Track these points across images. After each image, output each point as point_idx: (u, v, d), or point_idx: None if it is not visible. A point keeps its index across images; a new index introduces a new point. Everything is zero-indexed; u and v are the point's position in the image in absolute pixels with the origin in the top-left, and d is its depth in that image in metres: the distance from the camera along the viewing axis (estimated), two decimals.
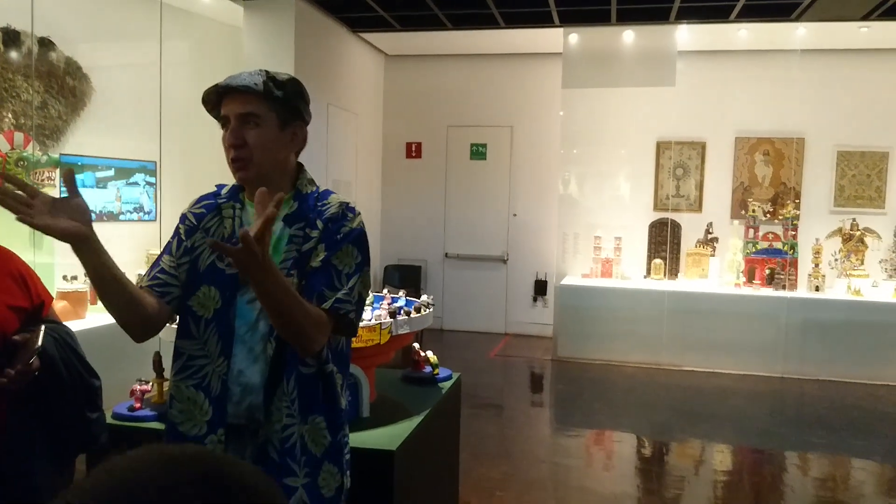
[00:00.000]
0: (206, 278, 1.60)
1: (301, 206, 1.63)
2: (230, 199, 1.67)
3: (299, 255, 1.59)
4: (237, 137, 1.55)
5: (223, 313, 1.58)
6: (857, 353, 6.11)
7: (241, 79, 1.56)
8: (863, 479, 4.21)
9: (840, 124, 6.82)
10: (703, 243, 7.05)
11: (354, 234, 1.62)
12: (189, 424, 1.59)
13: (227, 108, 1.58)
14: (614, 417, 5.23)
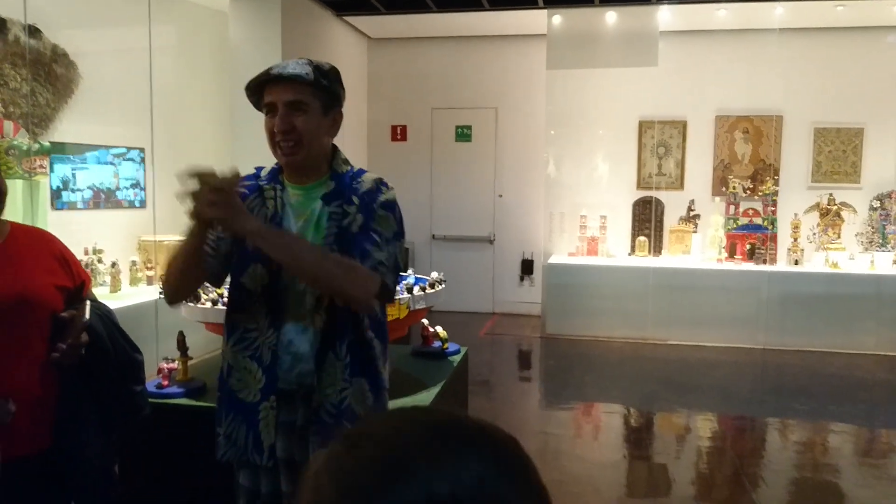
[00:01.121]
0: (254, 256, 1.68)
1: (338, 184, 1.74)
2: (271, 180, 1.77)
3: (339, 230, 1.69)
4: (287, 123, 1.64)
5: (271, 288, 1.68)
6: (835, 324, 6.32)
7: (290, 68, 1.65)
8: (841, 442, 4.40)
9: (817, 102, 6.98)
10: (685, 220, 7.20)
11: (389, 203, 1.74)
12: (245, 392, 1.71)
13: (274, 95, 1.66)
14: (603, 390, 5.39)
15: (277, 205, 1.73)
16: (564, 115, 7.31)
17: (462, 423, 0.55)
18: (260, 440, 1.68)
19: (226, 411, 1.74)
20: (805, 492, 3.68)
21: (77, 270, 1.81)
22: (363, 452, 0.51)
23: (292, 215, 1.73)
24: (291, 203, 1.74)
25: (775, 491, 3.65)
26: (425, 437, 0.52)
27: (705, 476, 3.85)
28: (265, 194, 1.75)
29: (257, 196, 1.75)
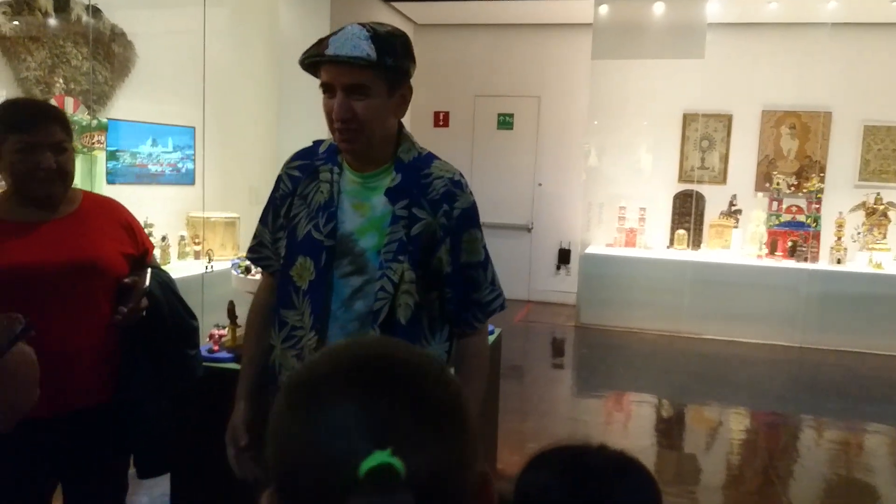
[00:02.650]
0: (303, 248, 1.53)
1: (404, 178, 1.52)
2: (328, 160, 1.57)
3: (408, 239, 1.49)
4: (346, 111, 1.43)
5: (317, 286, 1.51)
6: (875, 325, 6.22)
7: (348, 46, 1.40)
8: (875, 443, 4.37)
9: (868, 99, 6.84)
10: (726, 215, 7.14)
11: (468, 214, 1.55)
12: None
13: (331, 75, 1.45)
14: (635, 381, 5.42)
15: (333, 190, 1.53)
16: (607, 105, 7.29)
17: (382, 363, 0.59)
18: None
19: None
20: (834, 489, 3.68)
21: (141, 238, 1.93)
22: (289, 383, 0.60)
23: (348, 206, 1.54)
24: (348, 191, 1.54)
25: (804, 486, 3.66)
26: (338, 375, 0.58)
27: (734, 468, 3.88)
28: (321, 176, 1.56)
29: (312, 179, 1.57)
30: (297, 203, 1.57)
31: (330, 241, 1.51)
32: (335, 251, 1.51)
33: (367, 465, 0.49)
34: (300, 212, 1.56)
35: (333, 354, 0.61)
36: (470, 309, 1.58)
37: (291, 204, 1.58)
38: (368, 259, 1.51)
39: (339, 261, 1.51)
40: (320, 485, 0.52)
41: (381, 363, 0.58)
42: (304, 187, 1.57)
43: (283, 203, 1.60)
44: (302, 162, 1.61)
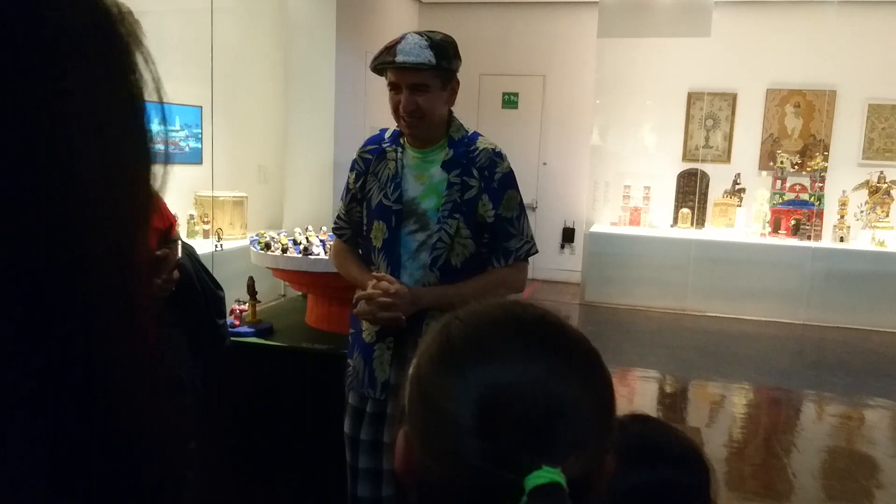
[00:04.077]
0: (376, 214, 1.91)
1: (455, 152, 1.90)
2: (392, 143, 1.95)
3: (461, 201, 1.87)
4: (412, 104, 1.81)
5: (390, 243, 1.89)
6: (878, 302, 6.28)
7: (413, 54, 1.78)
8: (877, 417, 4.45)
9: (873, 77, 6.84)
10: (730, 194, 7.18)
11: (507, 178, 1.92)
12: (366, 333, 1.93)
13: (397, 77, 1.82)
14: (640, 357, 5.49)
15: (399, 166, 1.91)
16: (613, 84, 7.29)
17: (545, 322, 0.61)
18: (374, 376, 1.91)
19: (354, 348, 1.98)
20: (837, 460, 3.76)
21: (166, 213, 1.98)
22: (456, 331, 0.59)
23: (411, 177, 1.92)
24: (410, 165, 1.92)
25: (807, 458, 3.74)
26: (509, 330, 0.59)
27: (738, 441, 3.96)
28: (388, 156, 1.93)
29: (381, 159, 1.94)
30: (370, 179, 1.95)
31: (398, 205, 1.89)
32: (402, 214, 1.88)
33: (533, 482, 0.49)
34: (373, 186, 1.94)
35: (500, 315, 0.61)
36: (495, 252, 1.92)
37: (365, 181, 1.96)
38: (430, 218, 1.88)
39: (406, 221, 1.89)
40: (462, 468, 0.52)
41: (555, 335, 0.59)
42: (375, 166, 1.94)
43: (358, 181, 1.97)
44: (372, 146, 1.98)
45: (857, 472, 3.60)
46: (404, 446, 0.57)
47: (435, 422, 0.55)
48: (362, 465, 1.94)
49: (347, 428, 1.97)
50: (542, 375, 0.54)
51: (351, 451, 1.96)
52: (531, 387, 0.53)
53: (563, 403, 0.53)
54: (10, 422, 0.30)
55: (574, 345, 0.59)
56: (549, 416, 0.52)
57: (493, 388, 0.53)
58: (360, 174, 1.97)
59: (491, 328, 0.59)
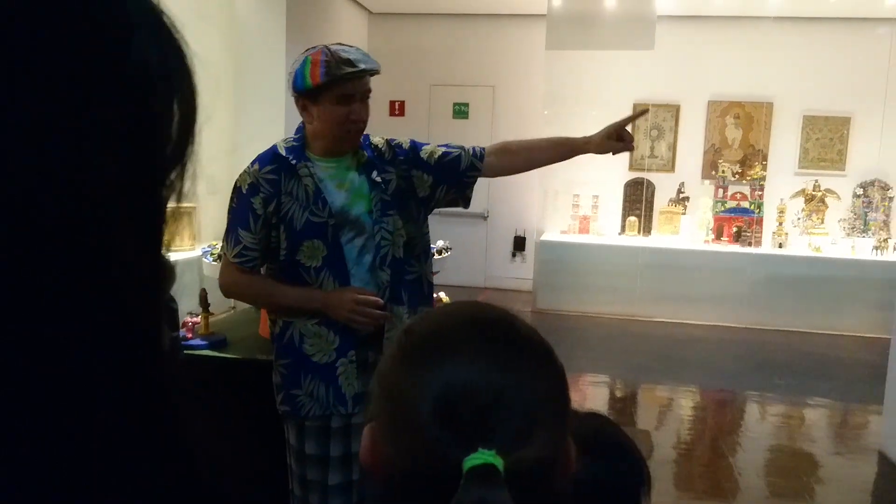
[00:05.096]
0: (307, 233, 1.84)
1: (367, 155, 1.94)
2: (299, 158, 1.87)
3: (390, 197, 1.91)
4: (366, 113, 1.85)
5: (331, 258, 1.86)
6: (816, 306, 6.54)
7: (368, 61, 1.80)
8: (818, 416, 4.62)
9: (807, 90, 7.14)
10: (675, 202, 7.38)
11: (413, 143, 2.02)
12: (320, 355, 1.88)
13: (356, 86, 1.81)
14: (591, 363, 5.58)
15: (315, 180, 1.86)
16: (561, 95, 7.43)
17: (497, 320, 0.64)
18: (341, 393, 1.88)
19: (303, 374, 1.90)
20: (780, 458, 3.90)
21: None
22: (416, 330, 0.64)
23: (331, 187, 1.89)
24: (327, 176, 1.89)
25: (752, 457, 3.86)
26: (462, 328, 0.62)
27: (686, 442, 4.06)
28: (300, 172, 1.86)
29: (291, 176, 1.85)
30: (284, 200, 1.85)
31: (332, 219, 1.86)
32: (337, 225, 1.86)
33: (469, 463, 0.52)
34: (291, 207, 1.85)
35: (455, 317, 0.65)
36: (464, 174, 2.01)
37: (279, 203, 1.85)
38: (364, 222, 1.89)
39: (342, 231, 1.87)
40: (412, 457, 0.56)
41: (505, 333, 0.62)
42: (287, 185, 1.85)
43: (269, 204, 1.84)
44: (272, 166, 1.87)
45: (799, 470, 3.74)
46: (370, 439, 0.60)
47: (396, 416, 0.58)
48: (332, 481, 1.89)
49: (313, 449, 1.90)
50: (487, 368, 0.58)
51: (319, 469, 1.90)
52: (477, 379, 0.57)
53: (504, 393, 0.56)
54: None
55: (522, 340, 0.63)
56: (489, 405, 0.55)
57: (445, 382, 0.57)
58: (271, 197, 1.83)
59: (447, 327, 0.63)
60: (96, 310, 0.36)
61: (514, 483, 0.52)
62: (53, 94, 0.34)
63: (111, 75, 0.37)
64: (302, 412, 1.90)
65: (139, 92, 0.39)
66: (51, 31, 0.33)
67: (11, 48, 0.33)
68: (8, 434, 0.32)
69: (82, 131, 0.35)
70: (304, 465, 1.92)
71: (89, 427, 0.34)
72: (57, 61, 0.34)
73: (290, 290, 1.88)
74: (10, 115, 0.32)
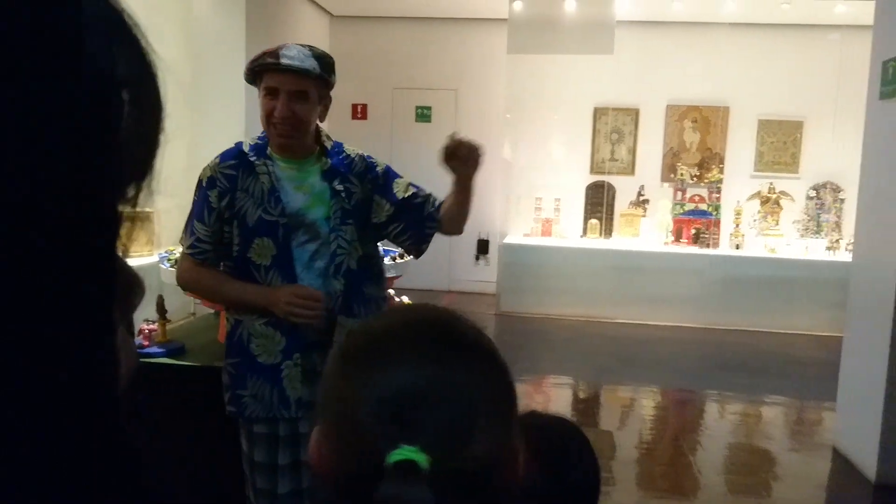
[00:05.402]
0: (258, 231, 1.83)
1: (332, 162, 1.91)
2: (259, 156, 1.87)
3: (350, 207, 1.89)
4: (288, 110, 1.78)
5: (281, 258, 1.84)
6: (772, 305, 6.69)
7: (298, 60, 1.77)
8: (774, 413, 4.73)
9: (762, 95, 7.31)
10: (635, 205, 7.49)
11: (388, 171, 1.99)
12: (265, 356, 1.86)
13: (276, 81, 1.78)
14: (554, 365, 5.63)
15: (272, 179, 1.85)
16: (523, 99, 7.49)
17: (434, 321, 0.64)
18: (285, 395, 1.85)
19: (248, 375, 1.88)
20: (738, 456, 3.97)
21: None
22: (358, 333, 0.65)
23: (290, 188, 1.87)
24: (286, 177, 1.87)
25: (711, 455, 3.93)
26: (398, 330, 0.63)
27: (648, 442, 4.12)
28: (257, 169, 1.85)
29: (248, 173, 1.85)
30: (239, 196, 1.84)
31: (283, 218, 1.83)
32: (290, 226, 1.83)
33: (392, 458, 0.52)
34: (245, 203, 1.83)
35: (396, 319, 0.66)
36: (424, 223, 1.98)
37: (233, 198, 1.84)
38: (319, 227, 1.87)
39: (295, 233, 1.85)
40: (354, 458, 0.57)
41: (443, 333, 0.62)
42: (243, 181, 1.84)
43: (223, 199, 1.84)
44: (232, 161, 1.87)
45: (756, 467, 3.82)
46: (316, 442, 0.61)
47: (338, 417, 0.59)
48: (282, 489, 1.87)
49: (261, 456, 1.88)
50: (420, 367, 0.58)
51: (268, 478, 1.88)
52: (409, 378, 0.57)
53: (435, 392, 0.56)
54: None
55: (460, 340, 0.62)
56: (417, 403, 0.56)
57: (380, 381, 0.57)
58: (226, 191, 1.84)
59: (386, 328, 0.64)
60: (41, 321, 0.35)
61: (444, 482, 0.52)
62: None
63: (60, 81, 0.35)
64: (246, 413, 1.89)
65: (93, 99, 0.37)
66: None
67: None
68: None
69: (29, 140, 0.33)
70: (254, 472, 1.91)
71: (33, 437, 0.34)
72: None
73: (237, 284, 1.87)
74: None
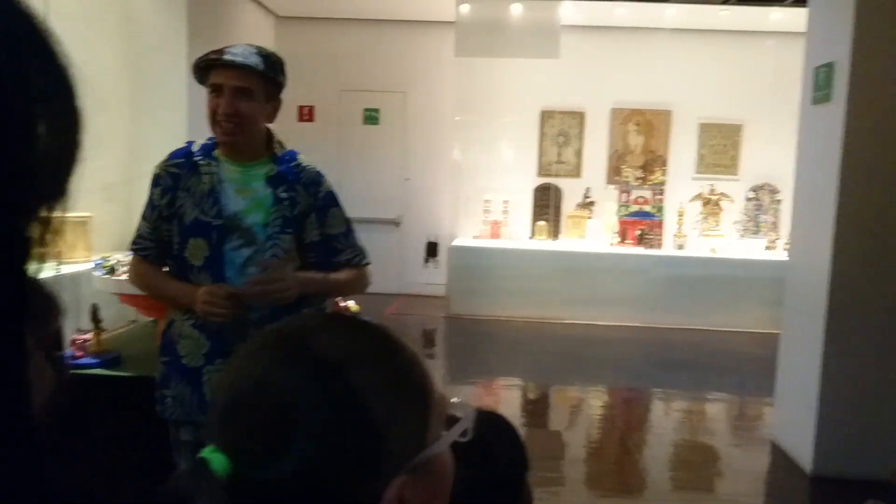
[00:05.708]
0: (192, 231, 1.81)
1: (280, 168, 1.88)
2: (205, 156, 1.86)
3: (291, 216, 1.86)
4: (231, 107, 1.76)
5: (213, 260, 1.81)
6: (714, 304, 6.87)
7: (242, 56, 1.76)
8: (717, 410, 4.85)
9: (702, 98, 7.51)
10: (581, 206, 7.59)
11: (330, 196, 1.95)
12: (189, 357, 1.83)
13: (221, 77, 1.77)
14: (504, 366, 5.66)
15: (214, 180, 1.83)
16: (472, 101, 7.52)
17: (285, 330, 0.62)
18: (205, 401, 1.82)
19: (173, 375, 1.86)
20: (682, 452, 4.06)
21: None
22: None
23: (231, 191, 1.84)
24: (230, 179, 1.85)
25: (657, 452, 4.01)
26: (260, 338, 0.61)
27: (595, 441, 4.17)
28: (201, 170, 1.83)
29: (192, 173, 1.83)
30: (180, 195, 1.83)
31: (218, 220, 1.81)
32: (225, 229, 1.81)
33: (202, 453, 0.52)
34: (185, 202, 1.82)
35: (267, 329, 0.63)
36: (328, 268, 1.93)
37: (175, 197, 1.83)
38: (256, 233, 1.83)
39: (229, 236, 1.82)
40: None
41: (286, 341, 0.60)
42: (186, 181, 1.83)
43: (165, 196, 1.84)
44: (179, 160, 1.87)
45: (699, 463, 3.91)
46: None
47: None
48: None
49: (187, 463, 1.85)
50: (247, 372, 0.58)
51: None
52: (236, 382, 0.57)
53: (251, 398, 0.56)
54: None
55: (304, 353, 0.58)
56: (235, 406, 0.56)
57: (222, 381, 0.59)
58: (168, 189, 1.84)
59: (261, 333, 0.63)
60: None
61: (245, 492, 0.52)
62: None
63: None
64: (166, 413, 1.88)
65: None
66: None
67: None
68: None
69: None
70: (181, 450, 1.91)
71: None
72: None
73: (171, 282, 1.87)
74: None
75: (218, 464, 0.51)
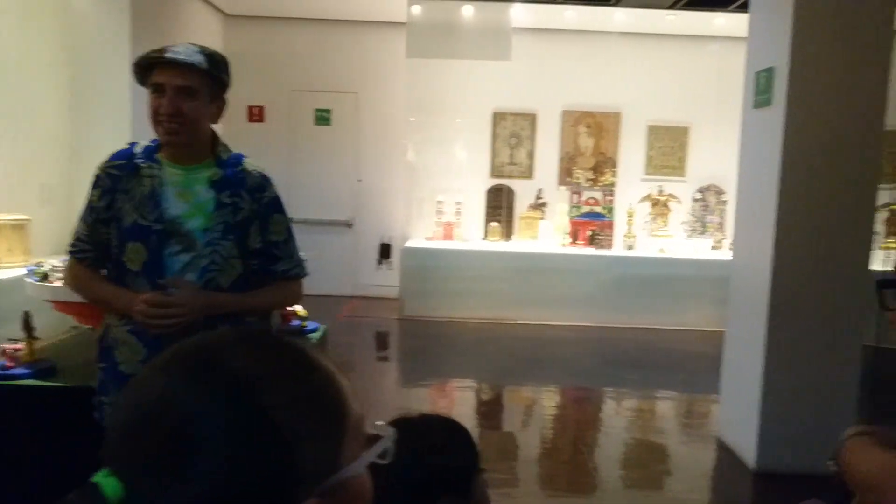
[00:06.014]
0: (130, 235, 1.76)
1: (224, 172, 1.84)
2: (147, 159, 1.81)
3: (233, 222, 1.81)
4: (174, 107, 1.72)
5: (151, 265, 1.76)
6: (663, 303, 7.00)
7: (185, 54, 1.72)
8: (666, 408, 4.94)
9: (651, 101, 7.65)
10: (534, 207, 7.65)
11: (274, 202, 1.89)
12: (126, 365, 1.78)
13: (164, 77, 1.72)
14: (458, 368, 5.66)
15: (155, 183, 1.78)
16: (424, 103, 7.50)
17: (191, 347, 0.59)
18: None
19: (110, 382, 1.82)
20: (632, 450, 4.12)
21: None
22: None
23: (172, 194, 1.79)
24: (171, 182, 1.80)
25: (607, 451, 4.06)
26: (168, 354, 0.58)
27: (548, 442, 4.20)
28: (142, 172, 1.79)
29: (133, 175, 1.79)
30: (119, 198, 1.78)
31: (158, 225, 1.76)
32: (164, 233, 1.76)
33: (94, 477, 0.50)
34: (124, 205, 1.78)
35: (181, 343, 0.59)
36: (267, 277, 1.90)
37: (114, 199, 1.79)
38: (196, 238, 1.78)
39: (168, 241, 1.77)
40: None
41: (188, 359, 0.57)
42: (126, 183, 1.79)
43: (104, 199, 1.80)
44: (120, 161, 1.82)
45: (648, 460, 3.97)
46: None
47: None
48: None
49: None
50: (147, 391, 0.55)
51: None
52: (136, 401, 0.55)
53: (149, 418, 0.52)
54: None
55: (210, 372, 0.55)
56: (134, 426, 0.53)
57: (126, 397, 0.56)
58: (107, 191, 1.79)
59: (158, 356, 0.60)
60: None
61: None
62: None
63: None
64: (105, 420, 1.83)
65: None
66: None
67: None
68: None
69: None
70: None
71: None
72: None
73: (107, 287, 1.82)
74: None
75: (110, 489, 0.48)
